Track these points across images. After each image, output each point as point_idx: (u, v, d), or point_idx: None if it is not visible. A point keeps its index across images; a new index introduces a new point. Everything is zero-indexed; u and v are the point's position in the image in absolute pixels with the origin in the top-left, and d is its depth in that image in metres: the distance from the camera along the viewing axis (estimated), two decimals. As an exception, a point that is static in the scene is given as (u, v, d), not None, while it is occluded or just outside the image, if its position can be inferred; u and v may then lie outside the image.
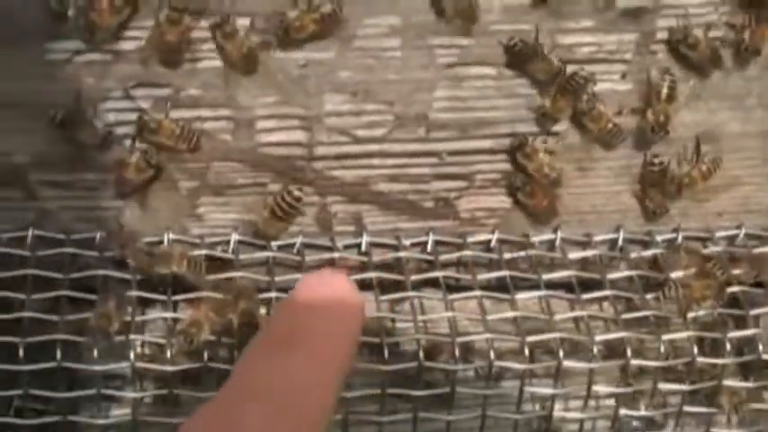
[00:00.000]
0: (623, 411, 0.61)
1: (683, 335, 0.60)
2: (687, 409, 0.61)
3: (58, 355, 0.55)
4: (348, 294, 0.40)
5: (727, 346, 0.60)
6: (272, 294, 0.60)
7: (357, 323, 0.40)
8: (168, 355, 0.57)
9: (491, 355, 0.58)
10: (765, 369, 0.61)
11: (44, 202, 0.62)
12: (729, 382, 0.61)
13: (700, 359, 0.60)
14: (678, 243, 0.65)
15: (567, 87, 0.62)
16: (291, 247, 0.63)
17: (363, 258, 0.63)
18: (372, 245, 0.64)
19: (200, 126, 0.61)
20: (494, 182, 0.64)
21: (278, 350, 0.38)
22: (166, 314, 0.59)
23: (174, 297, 0.60)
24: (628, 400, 0.61)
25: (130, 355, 0.57)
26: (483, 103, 0.62)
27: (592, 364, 0.59)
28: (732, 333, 0.61)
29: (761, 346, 0.60)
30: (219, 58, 0.60)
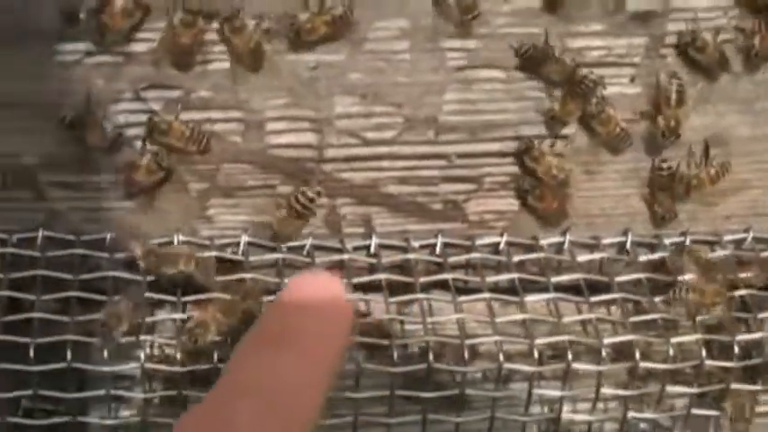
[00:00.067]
0: (631, 414, 0.61)
1: (691, 338, 0.60)
2: (695, 411, 0.61)
3: (69, 355, 0.55)
4: (338, 295, 0.40)
5: (736, 350, 0.60)
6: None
7: (347, 323, 0.40)
8: (177, 356, 0.57)
9: (500, 357, 0.58)
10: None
11: (54, 203, 0.62)
12: (737, 386, 0.61)
13: (708, 362, 0.60)
14: (682, 246, 0.65)
15: (577, 91, 0.62)
16: (301, 248, 0.63)
17: (372, 260, 0.63)
18: (381, 247, 0.64)
19: (210, 128, 0.61)
20: (502, 184, 0.64)
21: (268, 349, 0.38)
22: (176, 315, 0.59)
23: (184, 298, 0.60)
24: (636, 403, 0.61)
25: (140, 356, 0.57)
26: (492, 106, 0.63)
27: (600, 367, 0.59)
28: (740, 336, 0.61)
29: (768, 349, 0.61)
30: (229, 59, 0.60)
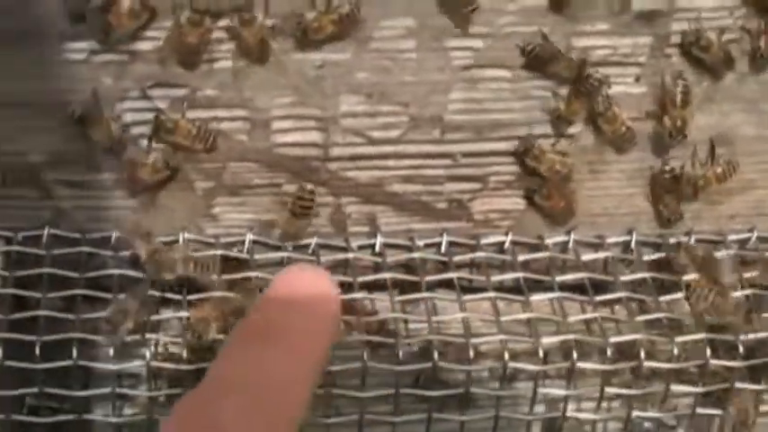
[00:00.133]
0: (635, 413, 0.61)
1: (695, 337, 0.60)
2: (699, 411, 0.62)
3: (74, 353, 0.56)
4: (325, 289, 0.40)
5: (740, 349, 0.60)
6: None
7: (334, 318, 0.40)
8: (183, 354, 0.57)
9: (505, 356, 0.58)
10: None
11: (59, 201, 0.62)
12: (741, 385, 0.61)
13: (713, 362, 0.60)
14: (682, 244, 0.65)
15: (582, 90, 0.62)
16: (306, 247, 0.63)
17: (377, 259, 0.63)
18: (386, 246, 0.64)
19: (216, 126, 0.61)
20: (508, 184, 0.65)
21: (254, 345, 0.38)
22: (181, 313, 0.59)
23: (189, 297, 0.60)
24: (640, 402, 0.62)
25: (146, 354, 0.57)
26: (498, 105, 0.63)
27: (605, 366, 0.59)
28: (744, 336, 0.61)
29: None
30: (235, 52, 0.59)
